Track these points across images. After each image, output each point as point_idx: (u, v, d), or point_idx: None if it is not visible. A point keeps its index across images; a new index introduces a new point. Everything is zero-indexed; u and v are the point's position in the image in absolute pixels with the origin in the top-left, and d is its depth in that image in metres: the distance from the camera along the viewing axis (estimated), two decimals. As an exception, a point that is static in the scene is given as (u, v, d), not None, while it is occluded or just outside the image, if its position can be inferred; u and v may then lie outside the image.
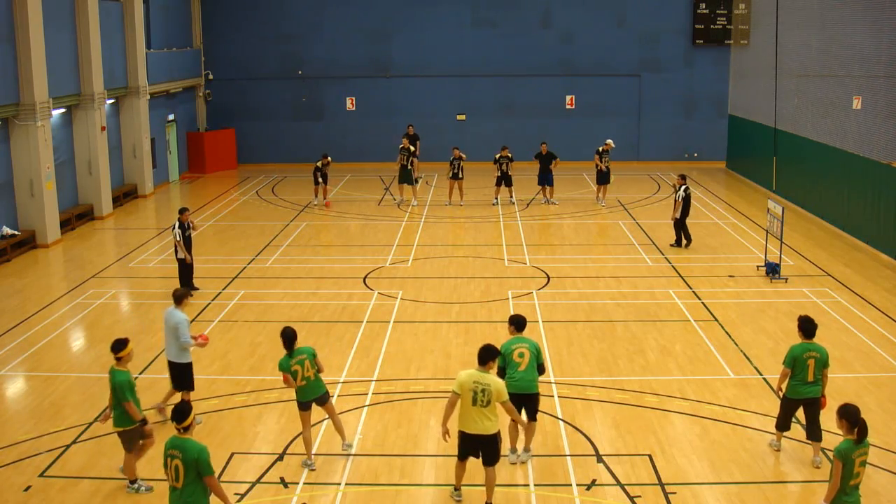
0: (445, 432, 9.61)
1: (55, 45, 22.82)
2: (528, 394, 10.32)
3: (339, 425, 10.86)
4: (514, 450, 10.75)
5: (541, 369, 10.42)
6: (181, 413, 8.07)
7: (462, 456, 9.65)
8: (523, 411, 10.35)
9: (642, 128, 34.17)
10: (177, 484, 7.92)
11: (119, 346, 10.11)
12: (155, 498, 9.93)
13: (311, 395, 10.44)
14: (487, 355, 9.37)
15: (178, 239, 17.20)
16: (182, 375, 11.77)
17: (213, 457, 10.77)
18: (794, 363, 10.53)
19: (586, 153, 30.92)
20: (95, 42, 24.71)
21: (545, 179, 26.23)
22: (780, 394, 10.90)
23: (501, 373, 10.24)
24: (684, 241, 21.03)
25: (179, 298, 11.83)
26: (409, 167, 26.15)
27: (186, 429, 8.04)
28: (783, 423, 10.85)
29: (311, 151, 33.52)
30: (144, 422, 10.05)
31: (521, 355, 10.30)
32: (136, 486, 10.07)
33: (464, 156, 26.03)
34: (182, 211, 17.53)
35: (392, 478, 10.34)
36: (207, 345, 12.10)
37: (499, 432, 9.44)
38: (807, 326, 10.66)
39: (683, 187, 20.74)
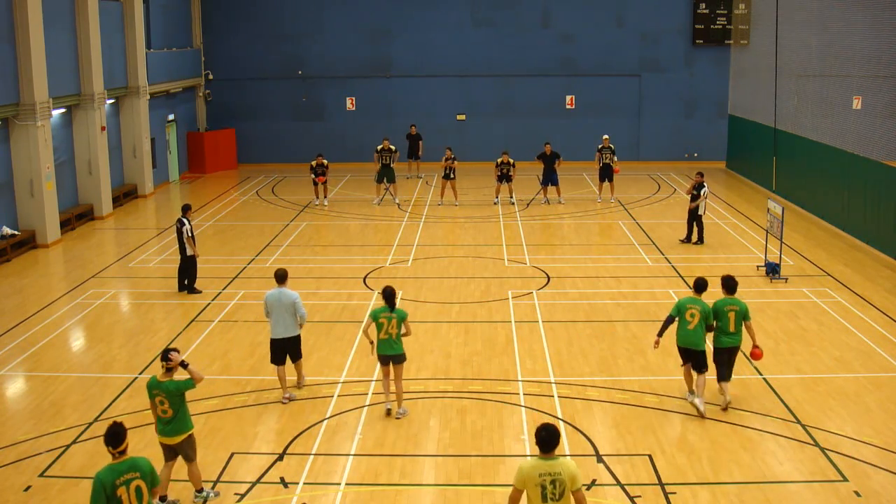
0: None
1: (55, 45, 22.81)
2: (695, 350, 11.84)
3: (399, 390, 11.89)
4: (691, 392, 12.13)
5: (709, 328, 11.83)
6: (117, 437, 7.50)
7: None
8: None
9: (642, 128, 34.17)
10: None
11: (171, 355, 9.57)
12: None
13: (388, 352, 11.75)
14: (554, 441, 7.50)
15: (189, 235, 17.28)
16: (297, 346, 12.51)
17: (213, 457, 10.85)
18: (717, 316, 11.93)
19: (587, 153, 30.93)
20: (95, 42, 24.71)
21: (550, 179, 26.14)
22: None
23: (670, 321, 11.96)
24: (694, 238, 21.30)
25: (283, 277, 12.36)
26: (391, 165, 26.24)
27: (123, 452, 7.55)
28: (722, 373, 12.08)
29: (311, 151, 33.37)
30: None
31: (693, 315, 11.78)
32: (206, 493, 9.85)
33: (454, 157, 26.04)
34: (188, 208, 17.60)
35: (392, 478, 10.34)
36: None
37: None
38: (728, 283, 12.17)
39: (706, 185, 21.06)
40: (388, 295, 11.86)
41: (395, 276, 18.81)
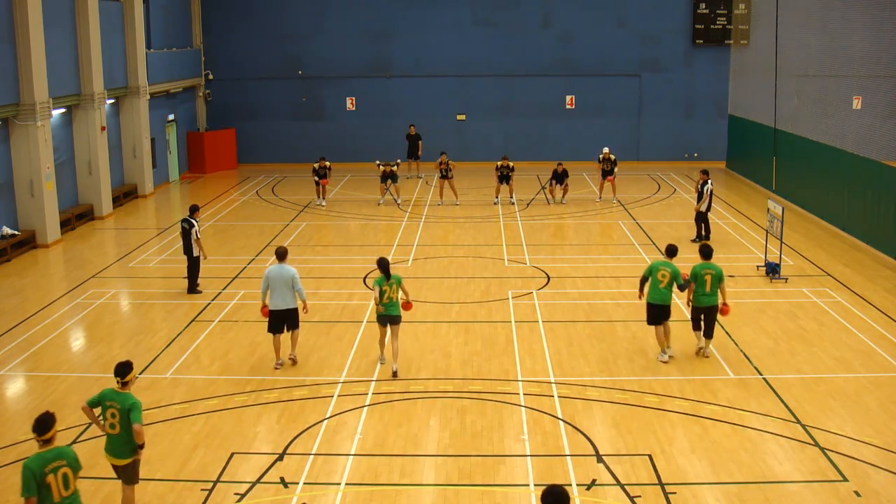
0: None
1: (55, 45, 22.81)
2: (664, 305, 13.61)
3: (395, 349, 13.30)
4: (664, 351, 13.85)
5: (680, 288, 13.69)
6: (44, 424, 7.75)
7: None
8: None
9: (642, 128, 34.17)
10: (66, 492, 7.79)
11: (125, 370, 9.03)
12: (154, 499, 9.93)
13: (391, 312, 13.18)
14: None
15: (197, 237, 17.29)
16: (294, 317, 13.55)
17: (213, 457, 10.85)
18: (696, 278, 13.71)
19: (586, 153, 31.04)
20: (95, 42, 24.71)
21: (558, 180, 26.21)
22: (689, 305, 14.02)
23: (644, 280, 13.87)
24: (704, 234, 21.49)
25: (283, 255, 13.66)
26: (394, 170, 26.20)
27: (49, 441, 7.80)
28: (695, 325, 14.03)
29: (311, 151, 33.49)
30: (142, 446, 9.11)
31: (664, 276, 13.59)
32: None
33: (450, 161, 26.18)
34: (196, 209, 17.59)
35: (392, 478, 10.34)
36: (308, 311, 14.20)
37: None
38: (704, 250, 14.09)
39: (710, 181, 21.31)
40: (384, 265, 13.20)
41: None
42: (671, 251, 14.09)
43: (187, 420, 11.88)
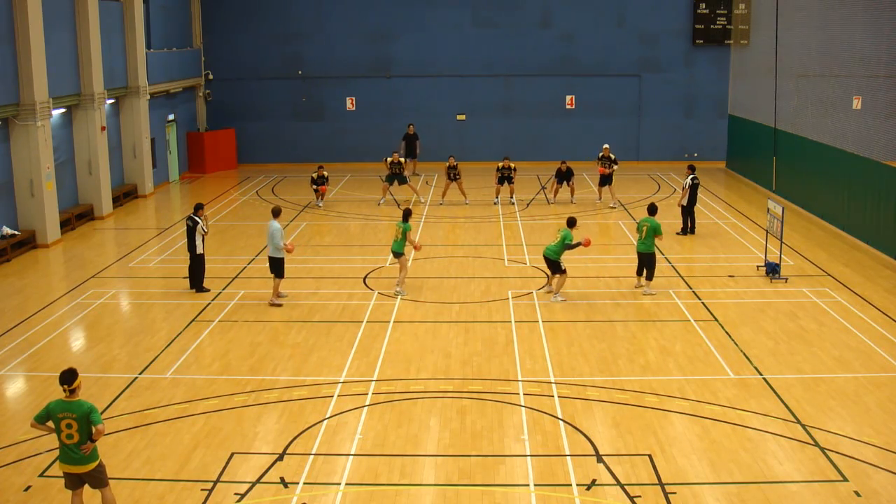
0: None
1: (55, 45, 22.82)
2: (547, 258, 16.86)
3: (399, 277, 17.31)
4: (556, 294, 16.92)
5: (568, 247, 16.70)
6: None
7: None
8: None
9: (642, 128, 34.17)
10: None
11: (73, 377, 9.09)
12: (154, 499, 9.94)
13: (394, 249, 17.30)
14: None
15: (205, 231, 17.52)
16: (277, 266, 16.72)
17: (213, 457, 10.85)
18: (638, 228, 17.28)
19: (586, 153, 31.00)
20: (95, 42, 24.71)
21: (566, 181, 26.29)
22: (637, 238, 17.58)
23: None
24: (690, 228, 22.21)
25: (276, 213, 16.94)
26: (400, 170, 26.32)
27: None
28: (639, 270, 17.50)
29: (311, 151, 33.56)
30: (94, 440, 9.00)
31: (556, 238, 16.85)
32: None
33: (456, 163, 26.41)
34: (201, 206, 17.64)
35: (392, 478, 10.35)
36: (293, 251, 17.19)
37: None
38: (650, 208, 17.88)
39: (691, 176, 22.09)
40: (405, 213, 17.45)
41: (395, 275, 18.79)
42: (570, 223, 17.13)
43: (187, 420, 11.88)
